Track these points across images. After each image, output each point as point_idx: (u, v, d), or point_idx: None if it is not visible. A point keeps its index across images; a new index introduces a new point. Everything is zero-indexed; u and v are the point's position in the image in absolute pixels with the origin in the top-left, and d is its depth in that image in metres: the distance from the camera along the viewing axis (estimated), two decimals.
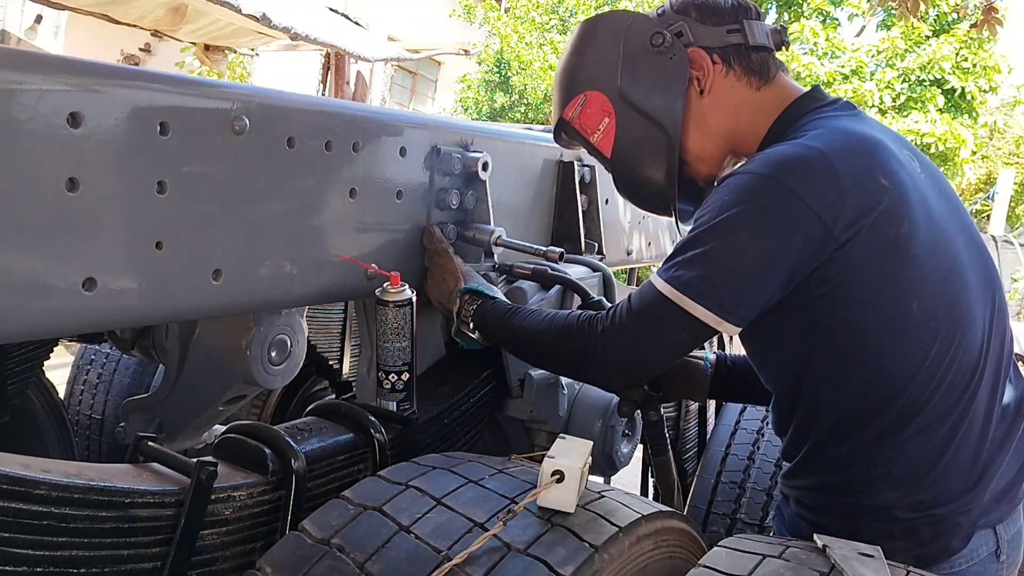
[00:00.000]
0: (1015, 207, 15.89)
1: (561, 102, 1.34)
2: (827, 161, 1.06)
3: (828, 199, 1.04)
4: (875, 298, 1.07)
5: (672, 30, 1.24)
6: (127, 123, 0.97)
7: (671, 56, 1.23)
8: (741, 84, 1.24)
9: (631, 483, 2.17)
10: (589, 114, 1.31)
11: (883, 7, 7.44)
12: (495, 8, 12.77)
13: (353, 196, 1.28)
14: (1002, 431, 1.16)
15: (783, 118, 1.22)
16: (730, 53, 1.24)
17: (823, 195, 1.04)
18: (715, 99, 1.24)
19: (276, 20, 5.86)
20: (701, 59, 1.23)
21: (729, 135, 1.27)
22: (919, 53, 11.02)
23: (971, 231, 1.20)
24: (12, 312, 0.90)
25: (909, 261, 1.07)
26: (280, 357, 1.45)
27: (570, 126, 1.34)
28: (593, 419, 1.53)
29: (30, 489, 0.85)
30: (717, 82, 1.24)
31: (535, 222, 1.75)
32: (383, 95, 12.91)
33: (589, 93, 1.30)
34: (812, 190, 1.04)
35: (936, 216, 1.12)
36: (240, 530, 1.04)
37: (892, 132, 1.23)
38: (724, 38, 1.24)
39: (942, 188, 1.20)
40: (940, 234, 1.12)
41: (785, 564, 0.92)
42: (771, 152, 1.11)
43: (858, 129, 1.15)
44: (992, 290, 1.18)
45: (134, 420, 1.64)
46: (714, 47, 1.24)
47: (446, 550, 0.89)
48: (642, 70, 1.25)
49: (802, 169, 1.06)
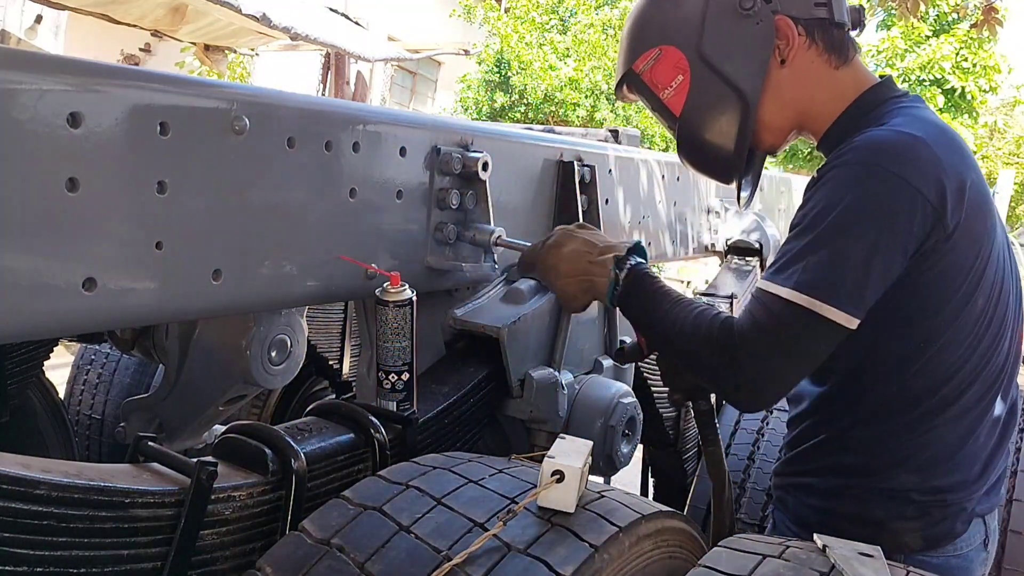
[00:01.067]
0: (1015, 207, 15.88)
1: (632, 54, 1.29)
2: (928, 148, 1.05)
3: (936, 184, 1.04)
4: (955, 289, 1.08)
5: None
6: (127, 123, 0.97)
7: (758, 21, 1.20)
8: (821, 60, 1.22)
9: (631, 483, 2.18)
10: (662, 69, 1.26)
11: (883, 7, 7.43)
12: (495, 8, 12.77)
13: (353, 196, 1.28)
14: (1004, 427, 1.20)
15: (861, 103, 1.20)
16: (815, 26, 1.21)
17: (931, 180, 1.03)
18: (794, 71, 1.22)
19: (276, 20, 5.86)
20: (787, 28, 1.20)
21: (802, 110, 1.25)
22: (919, 53, 11.03)
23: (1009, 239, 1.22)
24: (12, 312, 0.90)
25: (986, 257, 1.09)
26: (280, 357, 1.45)
27: (639, 79, 1.29)
28: (593, 419, 1.53)
29: (30, 489, 0.84)
30: (799, 54, 1.21)
31: (535, 222, 1.75)
32: (383, 95, 12.91)
33: (665, 48, 1.25)
34: (920, 176, 1.03)
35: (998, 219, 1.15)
36: (240, 530, 1.04)
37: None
38: (811, 10, 1.21)
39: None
40: (999, 235, 1.14)
41: (785, 564, 0.92)
42: (868, 140, 1.09)
43: (940, 121, 1.15)
44: (1019, 296, 1.21)
45: (134, 420, 1.64)
46: (800, 18, 1.21)
47: (446, 550, 0.89)
48: (727, 32, 1.22)
49: (907, 155, 1.05)
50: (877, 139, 1.08)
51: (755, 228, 2.72)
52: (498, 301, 1.57)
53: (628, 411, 1.58)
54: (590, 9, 11.87)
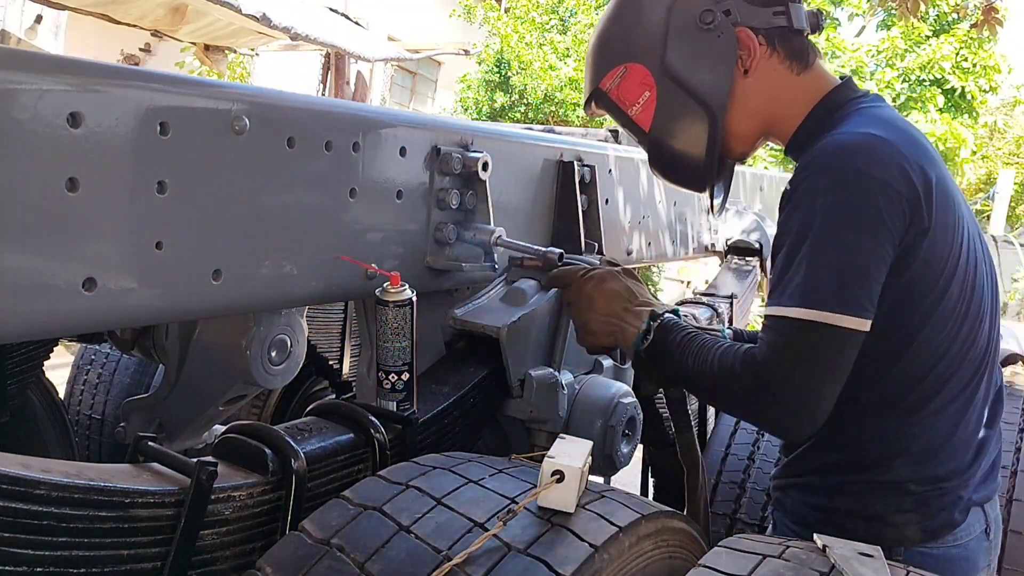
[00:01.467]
0: (1015, 207, 15.88)
1: (598, 72, 1.32)
2: (889, 144, 1.07)
3: (904, 177, 1.05)
4: (934, 282, 1.10)
5: (721, 8, 1.23)
6: (127, 123, 0.97)
7: (719, 34, 1.23)
8: (783, 67, 1.24)
9: (631, 483, 2.17)
10: (629, 87, 1.29)
11: (883, 7, 7.44)
12: (495, 8, 12.76)
13: (353, 196, 1.28)
14: (990, 412, 1.22)
15: (823, 106, 1.23)
16: (775, 35, 1.24)
17: (898, 175, 1.05)
18: (758, 80, 1.24)
19: (276, 20, 5.86)
20: (748, 39, 1.23)
21: (768, 117, 1.27)
22: (919, 53, 11.03)
23: (979, 227, 1.24)
24: (12, 312, 0.90)
25: (959, 248, 1.11)
26: (280, 357, 1.45)
27: (607, 97, 1.32)
28: (593, 419, 1.53)
29: (30, 489, 0.84)
30: (762, 63, 1.24)
31: (535, 222, 1.75)
32: (383, 95, 12.91)
33: (630, 65, 1.28)
34: (887, 171, 1.05)
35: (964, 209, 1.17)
36: (240, 530, 1.04)
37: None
38: (770, 19, 1.23)
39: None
40: (968, 226, 1.16)
41: (785, 564, 0.92)
42: (829, 146, 1.11)
43: (900, 118, 1.18)
44: (994, 283, 1.23)
45: (134, 420, 1.64)
46: (760, 28, 1.23)
47: (446, 550, 0.89)
48: (690, 47, 1.24)
49: (871, 153, 1.06)
50: (838, 143, 1.10)
51: (755, 228, 2.72)
52: (498, 301, 1.57)
53: (628, 411, 1.58)
54: (590, 9, 11.87)
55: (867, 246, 1.05)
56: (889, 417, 1.15)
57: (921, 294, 1.10)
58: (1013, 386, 2.21)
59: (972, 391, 1.16)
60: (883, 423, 1.16)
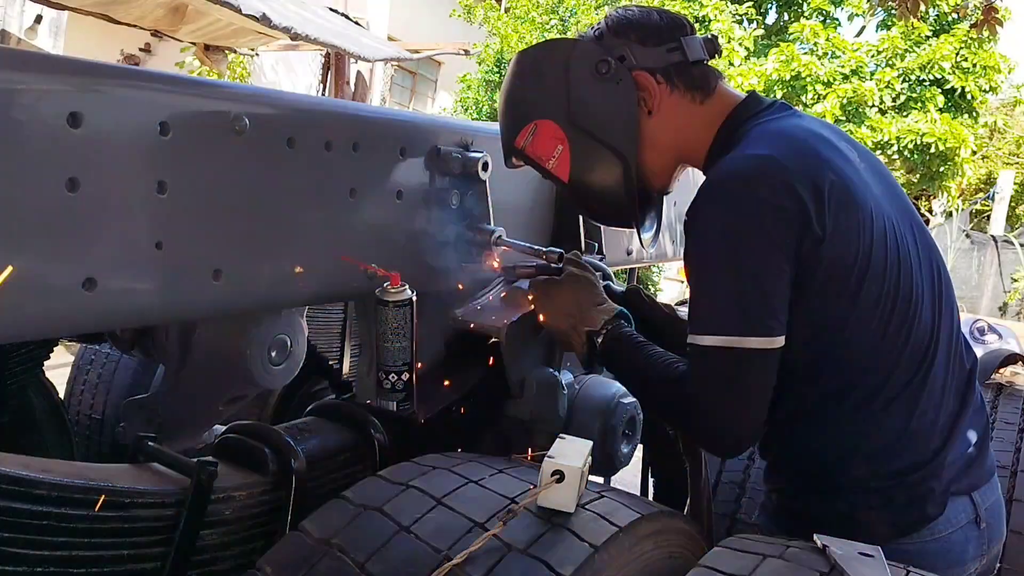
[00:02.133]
0: (1015, 207, 15.88)
1: (511, 130, 1.35)
2: (776, 163, 1.09)
3: (790, 194, 1.07)
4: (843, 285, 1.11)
5: (615, 55, 1.26)
6: (127, 123, 0.97)
7: (617, 81, 1.25)
8: (685, 100, 1.27)
9: (631, 483, 2.17)
10: (541, 142, 1.32)
11: (883, 7, 7.45)
12: (495, 8, 12.76)
13: (353, 196, 1.28)
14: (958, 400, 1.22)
15: (724, 128, 1.25)
16: (672, 72, 1.26)
17: (784, 192, 1.07)
18: (662, 117, 1.27)
19: (276, 20, 5.86)
20: (647, 81, 1.26)
21: (678, 149, 1.30)
22: (919, 53, 11.01)
23: (912, 215, 1.25)
24: (12, 312, 0.90)
25: (867, 244, 1.12)
26: (280, 357, 1.45)
27: (523, 153, 1.35)
28: (593, 419, 1.53)
29: (30, 489, 0.85)
30: (663, 101, 1.26)
31: (535, 222, 1.75)
32: (383, 95, 12.90)
33: (539, 121, 1.31)
34: (772, 191, 1.07)
35: (880, 202, 1.17)
36: (240, 530, 1.04)
37: (830, 125, 1.28)
38: (665, 57, 1.26)
39: (882, 174, 1.26)
40: (885, 219, 1.16)
41: (785, 564, 0.92)
42: (720, 170, 1.14)
43: (797, 127, 1.19)
44: (936, 269, 1.22)
45: (134, 420, 1.64)
46: (656, 67, 1.26)
47: (446, 550, 0.89)
48: (591, 98, 1.27)
49: (754, 175, 1.09)
50: (724, 170, 1.13)
51: None
52: (498, 301, 1.57)
53: (628, 411, 1.58)
54: (590, 9, 11.86)
55: (761, 266, 1.07)
56: (836, 419, 1.16)
57: (834, 298, 1.11)
58: (1013, 386, 2.21)
59: (920, 383, 1.16)
60: (831, 426, 1.17)
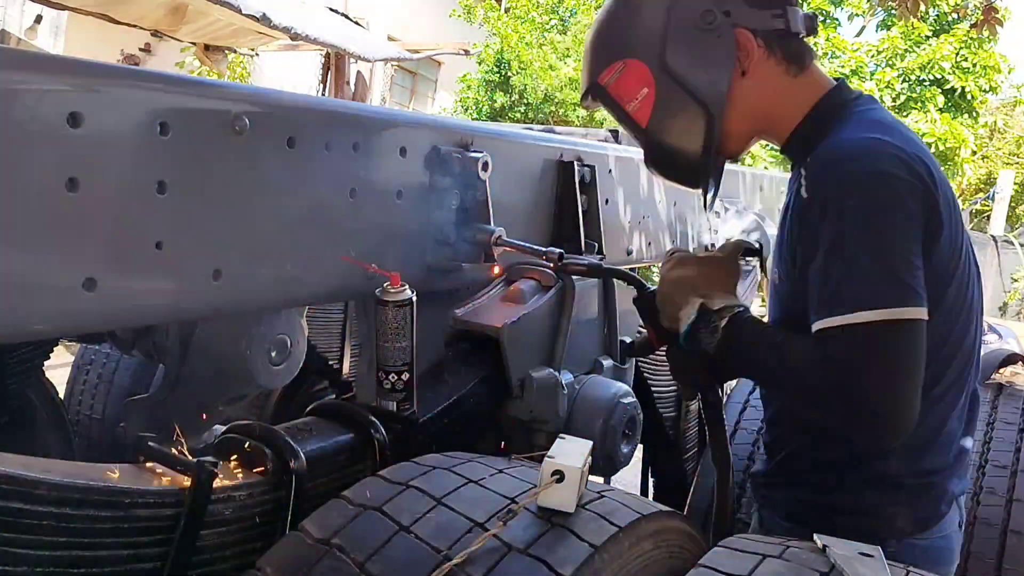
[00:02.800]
0: (1015, 207, 15.87)
1: (596, 66, 1.32)
2: (893, 144, 1.09)
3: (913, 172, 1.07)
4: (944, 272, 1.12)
5: (721, 8, 1.24)
6: (127, 123, 0.97)
7: (719, 35, 1.23)
8: (779, 70, 1.26)
9: (631, 483, 2.17)
10: (627, 82, 1.29)
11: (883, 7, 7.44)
12: (495, 8, 12.75)
13: (353, 196, 1.28)
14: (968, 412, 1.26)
15: (820, 108, 1.25)
16: (773, 38, 1.25)
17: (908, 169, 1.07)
18: (755, 81, 1.25)
19: (276, 20, 5.86)
20: (747, 41, 1.24)
21: (763, 117, 1.28)
22: (919, 53, 11.02)
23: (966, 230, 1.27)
24: (12, 312, 0.90)
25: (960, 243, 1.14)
26: (280, 357, 1.45)
27: (604, 91, 1.32)
28: (593, 419, 1.53)
29: (30, 489, 0.85)
30: (759, 65, 1.25)
31: (535, 222, 1.75)
32: (383, 95, 12.90)
33: (629, 61, 1.28)
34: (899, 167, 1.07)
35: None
36: (240, 530, 1.04)
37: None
38: (769, 22, 1.24)
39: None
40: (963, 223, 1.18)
41: (785, 564, 0.92)
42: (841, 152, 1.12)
43: (896, 120, 1.21)
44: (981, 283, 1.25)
45: (134, 420, 1.64)
46: (759, 30, 1.24)
47: (446, 550, 0.89)
48: (690, 46, 1.25)
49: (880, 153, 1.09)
50: (847, 150, 1.12)
51: (755, 228, 2.72)
52: (498, 301, 1.57)
53: (628, 411, 1.58)
54: (590, 9, 11.86)
55: (905, 238, 1.06)
56: None
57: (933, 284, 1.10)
58: (1013, 386, 2.21)
59: (960, 387, 1.20)
60: None
